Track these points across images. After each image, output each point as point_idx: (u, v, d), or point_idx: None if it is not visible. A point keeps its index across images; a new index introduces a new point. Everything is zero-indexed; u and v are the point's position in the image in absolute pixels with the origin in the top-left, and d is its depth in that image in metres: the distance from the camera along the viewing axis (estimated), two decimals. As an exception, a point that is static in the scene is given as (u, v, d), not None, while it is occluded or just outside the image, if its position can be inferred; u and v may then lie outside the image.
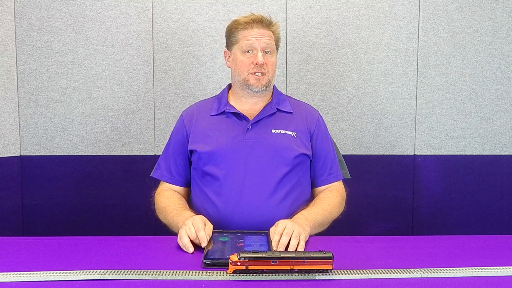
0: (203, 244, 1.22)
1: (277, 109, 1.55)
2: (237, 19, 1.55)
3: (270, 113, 1.53)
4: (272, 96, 1.59)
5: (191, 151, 1.53)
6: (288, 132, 1.50)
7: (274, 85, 1.62)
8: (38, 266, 1.12)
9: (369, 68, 2.13)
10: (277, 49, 1.58)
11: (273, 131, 1.50)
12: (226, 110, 1.53)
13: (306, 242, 1.35)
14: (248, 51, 1.50)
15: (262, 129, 1.49)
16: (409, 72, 2.14)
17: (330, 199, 1.52)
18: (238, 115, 1.52)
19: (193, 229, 1.26)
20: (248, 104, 1.55)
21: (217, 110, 1.55)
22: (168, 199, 1.51)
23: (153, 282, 1.04)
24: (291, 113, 1.56)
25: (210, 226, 1.29)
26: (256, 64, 1.48)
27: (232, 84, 1.60)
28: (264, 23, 1.52)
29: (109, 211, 2.14)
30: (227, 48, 1.58)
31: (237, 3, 2.09)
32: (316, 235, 1.57)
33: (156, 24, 2.09)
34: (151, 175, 1.60)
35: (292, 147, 1.48)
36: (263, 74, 1.50)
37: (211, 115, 1.54)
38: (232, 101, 1.56)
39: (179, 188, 1.58)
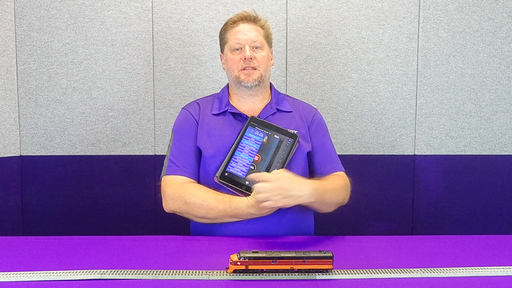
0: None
1: (277, 109, 1.55)
2: (226, 21, 1.57)
3: (270, 114, 1.54)
4: (271, 95, 1.59)
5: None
6: (290, 131, 1.50)
7: (272, 85, 1.63)
8: (38, 266, 1.12)
9: (369, 68, 2.13)
10: (269, 45, 1.57)
11: None
12: (228, 110, 1.53)
13: (307, 241, 1.35)
14: (237, 49, 1.51)
15: None
16: (409, 72, 2.14)
17: (335, 180, 1.49)
18: (240, 116, 1.52)
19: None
20: (247, 104, 1.55)
21: (219, 109, 1.54)
22: (200, 191, 1.42)
23: (153, 282, 1.04)
24: (291, 112, 1.56)
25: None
26: (245, 59, 1.48)
27: (229, 85, 1.60)
28: (249, 18, 1.53)
29: (109, 211, 2.14)
30: (221, 51, 1.60)
31: (237, 3, 2.09)
32: (316, 234, 1.57)
33: (156, 24, 2.09)
34: (165, 175, 1.49)
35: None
36: (253, 68, 1.49)
37: (213, 114, 1.54)
38: (232, 101, 1.57)
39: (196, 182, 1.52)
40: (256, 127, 1.47)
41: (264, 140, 1.46)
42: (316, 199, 1.35)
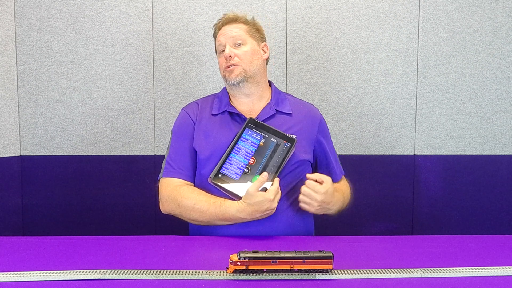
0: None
1: (276, 110, 1.54)
2: (214, 28, 1.61)
3: (269, 115, 1.52)
4: (271, 95, 1.58)
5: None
6: (287, 136, 1.49)
7: (272, 83, 1.62)
8: (38, 266, 1.12)
9: (369, 68, 2.13)
10: (257, 39, 1.56)
11: None
12: (227, 110, 1.53)
13: (307, 241, 1.35)
14: (222, 51, 1.53)
15: None
16: (409, 72, 2.14)
17: (346, 189, 1.60)
18: (238, 116, 1.52)
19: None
20: (246, 104, 1.55)
21: (218, 109, 1.54)
22: (193, 194, 1.44)
23: (153, 282, 1.04)
24: (290, 113, 1.55)
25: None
26: (226, 58, 1.50)
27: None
28: (230, 19, 1.56)
29: (109, 211, 2.14)
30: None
31: (237, 3, 2.09)
32: (316, 234, 1.57)
33: (156, 24, 2.09)
34: (161, 177, 1.52)
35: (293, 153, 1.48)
36: (236, 65, 1.50)
37: (212, 114, 1.54)
38: (232, 102, 1.57)
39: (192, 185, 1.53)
40: (254, 129, 1.45)
41: (260, 143, 1.44)
42: (334, 212, 1.49)
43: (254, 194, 1.33)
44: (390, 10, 2.11)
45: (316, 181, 1.40)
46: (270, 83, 1.62)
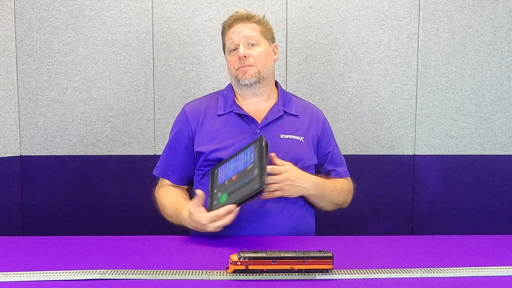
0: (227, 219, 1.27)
1: (284, 111, 1.52)
2: (223, 25, 1.57)
3: (277, 116, 1.50)
4: (278, 96, 1.57)
5: (197, 152, 1.49)
6: (296, 137, 1.48)
7: (278, 83, 1.61)
8: (38, 266, 1.12)
9: (369, 68, 2.13)
10: (269, 40, 1.54)
11: (282, 136, 1.48)
12: (234, 111, 1.50)
13: (307, 241, 1.35)
14: (234, 49, 1.50)
15: (271, 134, 1.46)
16: (409, 72, 2.14)
17: (339, 182, 1.57)
18: (246, 117, 1.49)
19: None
20: (252, 104, 1.53)
21: (224, 109, 1.51)
22: (166, 197, 1.50)
23: (153, 282, 1.04)
24: (297, 116, 1.54)
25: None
26: (240, 58, 1.47)
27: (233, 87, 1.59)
28: (242, 18, 1.52)
29: (109, 211, 2.14)
30: (224, 54, 1.59)
31: (237, 3, 2.09)
32: (316, 234, 1.57)
33: (156, 24, 2.09)
34: (153, 173, 1.58)
35: (300, 156, 1.47)
36: (250, 66, 1.47)
37: (218, 115, 1.51)
38: (238, 101, 1.54)
39: (181, 188, 1.55)
40: (256, 150, 1.29)
41: (247, 167, 1.28)
42: (317, 192, 1.45)
43: (192, 212, 1.31)
44: (390, 10, 2.11)
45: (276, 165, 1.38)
46: (276, 83, 1.61)
